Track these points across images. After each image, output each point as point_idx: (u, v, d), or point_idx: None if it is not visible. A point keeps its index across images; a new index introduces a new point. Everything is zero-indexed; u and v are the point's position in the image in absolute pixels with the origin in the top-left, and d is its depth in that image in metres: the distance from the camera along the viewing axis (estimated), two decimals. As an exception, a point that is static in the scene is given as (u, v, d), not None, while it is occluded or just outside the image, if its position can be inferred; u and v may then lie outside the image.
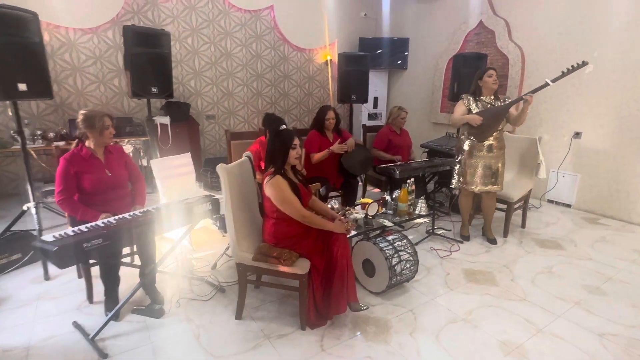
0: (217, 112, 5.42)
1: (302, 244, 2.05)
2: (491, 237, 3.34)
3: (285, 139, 1.98)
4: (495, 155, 3.07)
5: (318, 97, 6.25)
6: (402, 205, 2.86)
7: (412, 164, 3.56)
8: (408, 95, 6.22)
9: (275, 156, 1.99)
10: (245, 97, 5.59)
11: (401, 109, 3.97)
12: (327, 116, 3.40)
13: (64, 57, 4.37)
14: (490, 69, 3.04)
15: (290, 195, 1.95)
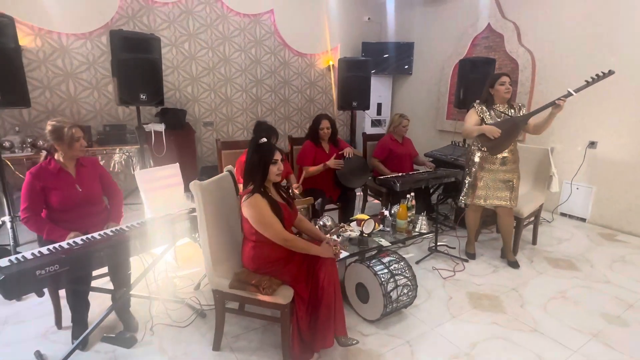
0: (215, 119, 5.28)
1: (284, 270, 1.85)
2: (512, 260, 3.04)
3: (264, 154, 1.79)
4: (509, 169, 2.82)
5: (320, 103, 6.07)
6: (400, 222, 2.64)
7: (414, 176, 3.33)
8: (413, 102, 6.00)
9: (254, 172, 1.80)
10: (244, 104, 5.44)
11: (402, 116, 3.76)
12: (322, 125, 3.21)
13: (57, 62, 4.25)
14: (502, 76, 2.77)
15: (270, 216, 1.75)
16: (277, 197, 1.91)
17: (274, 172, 1.82)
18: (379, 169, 3.76)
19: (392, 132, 3.83)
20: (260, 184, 1.79)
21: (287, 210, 1.89)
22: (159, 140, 4.44)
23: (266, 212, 1.75)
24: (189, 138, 4.73)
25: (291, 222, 1.94)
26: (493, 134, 2.69)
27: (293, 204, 1.98)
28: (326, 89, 6.00)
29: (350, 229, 2.61)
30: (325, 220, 2.55)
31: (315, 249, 1.86)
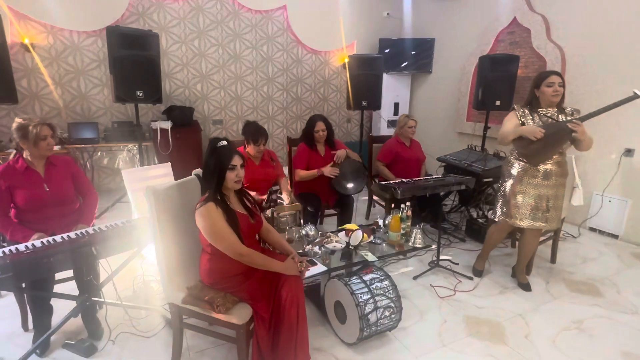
0: (224, 117, 5.22)
1: (243, 287, 1.68)
2: (524, 282, 2.70)
3: (221, 158, 1.63)
4: (553, 183, 2.39)
5: (334, 102, 5.89)
6: (392, 235, 2.41)
7: (418, 182, 3.07)
8: (432, 101, 5.67)
9: (209, 178, 1.64)
10: (255, 102, 5.35)
11: (409, 116, 3.52)
12: (317, 128, 3.04)
13: (68, 60, 4.32)
14: (551, 75, 2.31)
15: (223, 227, 1.59)
16: (238, 207, 1.75)
17: (231, 179, 1.66)
18: (383, 173, 3.54)
19: (399, 134, 3.58)
20: (215, 192, 1.64)
21: (246, 221, 1.72)
22: (165, 138, 4.41)
23: (219, 224, 1.59)
24: (195, 136, 4.67)
25: (252, 234, 1.77)
26: (534, 134, 2.25)
27: (257, 214, 1.81)
28: (341, 87, 5.80)
29: (337, 239, 2.41)
30: (308, 229, 2.37)
31: (277, 265, 1.68)
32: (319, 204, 3.05)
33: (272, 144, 5.63)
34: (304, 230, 2.36)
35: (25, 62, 4.14)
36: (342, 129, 6.08)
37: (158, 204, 1.68)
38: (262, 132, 2.73)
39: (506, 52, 4.45)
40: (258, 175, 2.85)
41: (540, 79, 2.35)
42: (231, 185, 1.67)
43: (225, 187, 1.69)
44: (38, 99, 4.27)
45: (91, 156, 4.53)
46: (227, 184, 1.67)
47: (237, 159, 1.68)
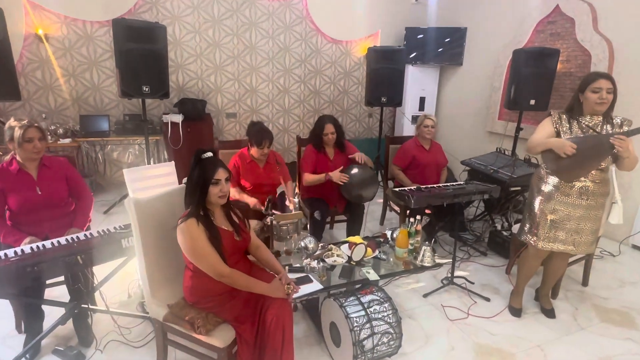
0: (238, 110, 5.22)
1: (226, 307, 1.65)
2: (548, 307, 2.53)
3: (204, 171, 1.59)
4: (589, 204, 2.16)
5: (355, 96, 5.77)
6: (399, 251, 2.31)
7: (435, 190, 2.94)
8: (462, 96, 5.43)
9: (191, 192, 1.61)
10: (271, 95, 5.31)
11: (427, 116, 3.37)
12: (326, 130, 2.97)
13: (81, 50, 4.41)
14: (600, 78, 2.04)
15: (203, 246, 1.56)
16: (222, 222, 1.71)
17: (214, 194, 1.61)
18: (398, 178, 3.43)
19: (417, 136, 3.43)
20: (197, 207, 1.60)
21: (230, 238, 1.68)
22: (176, 132, 4.46)
23: (199, 242, 1.55)
24: (207, 130, 4.69)
25: (237, 251, 1.73)
26: (564, 149, 2.03)
27: (244, 231, 1.77)
28: (362, 79, 5.65)
29: (339, 252, 2.34)
30: (307, 241, 2.29)
31: (262, 287, 1.63)
32: (326, 210, 2.98)
33: (287, 139, 5.59)
34: (303, 243, 2.29)
35: (40, 54, 4.27)
36: (363, 124, 5.96)
37: (141, 216, 1.66)
38: (266, 135, 2.68)
39: (546, 44, 4.16)
40: (261, 179, 2.81)
41: (585, 83, 2.10)
42: (214, 200, 1.63)
43: (209, 202, 1.65)
44: (52, 91, 4.41)
45: (103, 149, 4.65)
46: (210, 199, 1.63)
47: (222, 173, 1.63)
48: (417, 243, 2.40)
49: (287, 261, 2.25)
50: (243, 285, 1.62)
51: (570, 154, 2.05)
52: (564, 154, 2.06)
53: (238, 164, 2.78)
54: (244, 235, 1.76)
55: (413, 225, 2.37)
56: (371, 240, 2.50)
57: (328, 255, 2.30)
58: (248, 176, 2.79)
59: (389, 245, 2.49)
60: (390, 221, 3.95)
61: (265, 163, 2.86)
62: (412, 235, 2.35)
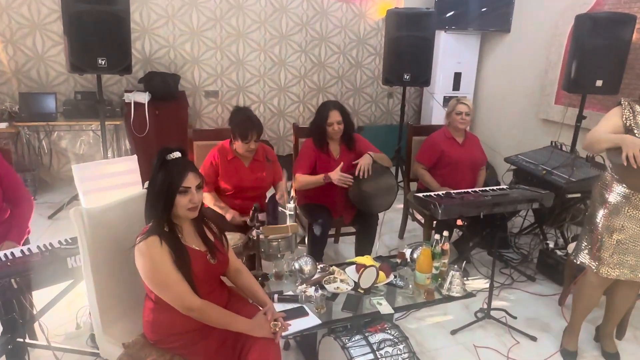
0: (220, 88, 5.24)
1: (197, 348, 1.67)
2: (612, 351, 2.51)
3: (170, 177, 1.61)
4: None
5: (370, 70, 5.79)
6: (420, 276, 2.33)
7: (469, 197, 2.96)
8: (509, 73, 5.42)
9: (153, 203, 1.62)
10: (262, 68, 5.33)
11: (460, 100, 3.37)
12: (330, 119, 2.96)
13: (21, 10, 4.45)
14: None
15: (168, 271, 1.58)
16: (193, 240, 1.73)
17: (182, 206, 1.63)
18: (423, 180, 3.46)
19: (448, 125, 3.44)
20: (161, 221, 1.62)
21: (203, 261, 1.69)
22: (141, 115, 4.50)
23: (162, 266, 1.57)
24: (180, 113, 4.74)
25: (212, 277, 1.75)
26: (633, 149, 2.01)
27: (221, 251, 1.78)
28: (380, 50, 5.65)
29: (343, 277, 2.37)
30: (302, 262, 2.32)
31: (242, 323, 1.65)
32: (328, 221, 3.00)
33: (283, 125, 5.61)
34: (297, 264, 2.31)
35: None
36: (381, 107, 5.98)
37: (92, 231, 1.68)
38: (253, 125, 2.70)
39: (618, 8, 4.11)
40: (247, 182, 2.84)
41: None
42: (183, 213, 1.65)
43: (176, 215, 1.67)
44: (-15, 61, 4.45)
45: (48, 136, 4.69)
46: (178, 212, 1.65)
47: (192, 179, 1.64)
48: (443, 266, 2.40)
49: (276, 287, 2.26)
50: (218, 321, 1.64)
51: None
52: (633, 157, 2.03)
53: (217, 161, 2.80)
54: (221, 257, 1.78)
55: (438, 243, 2.37)
56: (385, 261, 2.53)
57: (329, 280, 2.30)
58: (229, 177, 2.81)
59: (409, 267, 2.50)
60: (413, 233, 3.97)
61: (252, 161, 2.88)
62: (437, 256, 2.36)
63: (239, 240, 2.54)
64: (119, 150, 4.73)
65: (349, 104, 5.82)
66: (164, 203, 1.61)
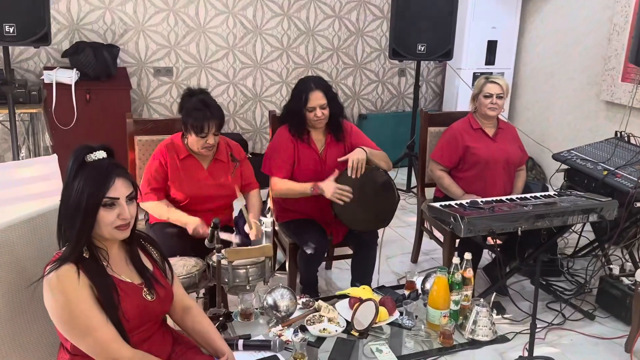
0: (175, 63, 5.28)
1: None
2: None
3: (89, 185, 1.60)
4: None
5: (375, 39, 5.83)
6: (433, 313, 2.34)
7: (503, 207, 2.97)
8: (561, 40, 5.47)
9: (69, 220, 1.62)
10: (231, 37, 5.38)
11: (490, 79, 3.40)
12: (311, 102, 2.96)
13: None
14: None
15: (87, 312, 1.56)
16: (124, 270, 1.72)
17: (108, 223, 1.62)
18: (441, 185, 3.49)
19: (474, 112, 3.49)
20: (78, 245, 1.61)
21: (135, 298, 1.68)
22: (66, 100, 4.52)
23: (78, 305, 1.55)
24: (119, 97, 4.76)
25: (149, 319, 1.74)
26: None
27: (161, 284, 1.78)
28: (387, 12, 5.69)
29: (333, 315, 2.37)
30: (277, 296, 2.33)
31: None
32: (322, 241, 3.02)
33: (260, 113, 5.64)
34: (270, 299, 2.31)
35: None
36: (390, 88, 6.03)
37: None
38: (211, 114, 2.70)
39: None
40: (204, 189, 2.84)
41: None
42: (108, 233, 1.64)
43: (100, 236, 1.66)
44: None
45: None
46: (102, 231, 1.64)
47: (121, 187, 1.63)
48: (465, 300, 2.42)
49: (243, 329, 2.28)
50: (155, 378, 1.64)
51: None
52: None
53: (165, 161, 2.81)
54: (162, 292, 1.76)
55: (458, 269, 2.39)
56: (388, 293, 2.54)
57: (313, 319, 2.31)
58: (181, 183, 2.81)
59: (421, 300, 2.52)
60: (431, 255, 3.99)
61: (213, 161, 2.89)
62: (457, 286, 2.38)
63: (195, 268, 2.53)
64: (37, 148, 4.73)
65: (348, 85, 5.87)
66: (82, 220, 1.60)
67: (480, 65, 5.65)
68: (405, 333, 2.31)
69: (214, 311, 2.35)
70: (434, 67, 6.05)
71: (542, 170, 5.43)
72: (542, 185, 4.81)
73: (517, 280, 3.65)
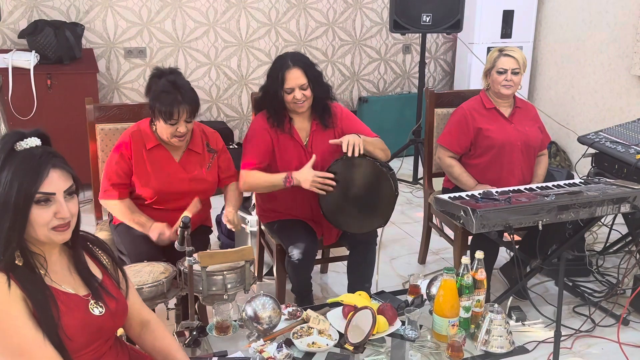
0: (148, 43, 5.29)
1: None
2: None
3: (19, 179, 1.52)
4: None
5: (376, 12, 5.84)
6: (440, 322, 2.28)
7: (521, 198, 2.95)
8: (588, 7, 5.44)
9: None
10: (212, 12, 5.38)
11: (504, 51, 3.37)
12: (288, 83, 2.93)
13: None
14: None
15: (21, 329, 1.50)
16: (65, 279, 1.66)
17: (43, 224, 1.54)
18: (450, 174, 3.48)
19: (487, 90, 3.47)
20: (9, 249, 1.53)
21: (78, 311, 1.62)
22: (24, 88, 4.52)
23: (10, 321, 1.49)
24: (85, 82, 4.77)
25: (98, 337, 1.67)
26: None
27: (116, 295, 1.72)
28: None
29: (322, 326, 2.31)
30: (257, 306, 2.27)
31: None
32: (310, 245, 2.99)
33: (248, 100, 5.60)
34: (250, 309, 2.26)
35: None
36: (394, 67, 6.04)
37: None
38: (182, 97, 2.65)
39: None
40: (176, 184, 2.80)
41: None
42: (44, 235, 1.56)
43: (34, 239, 1.57)
44: None
45: None
46: (37, 233, 1.56)
47: (58, 180, 1.56)
48: (477, 306, 2.37)
49: (219, 345, 2.26)
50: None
51: None
52: None
53: (128, 153, 2.76)
54: (113, 305, 1.70)
55: (468, 270, 2.32)
56: (388, 299, 2.50)
57: (300, 332, 2.28)
58: (148, 177, 2.77)
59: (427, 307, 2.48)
60: (441, 255, 3.99)
61: (186, 152, 2.84)
62: (466, 290, 2.32)
63: (163, 275, 2.49)
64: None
65: (345, 64, 5.87)
66: (11, 220, 1.53)
67: (495, 39, 5.65)
68: (408, 345, 2.25)
69: (186, 324, 2.31)
70: (443, 42, 6.06)
71: (566, 155, 5.43)
72: (567, 172, 4.81)
73: (539, 282, 3.64)
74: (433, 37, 5.93)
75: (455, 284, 2.28)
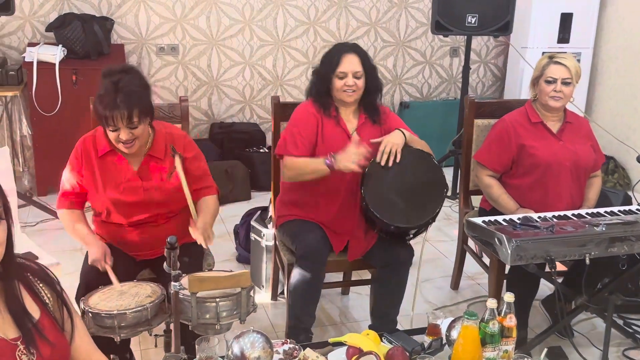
0: (182, 40, 5.27)
1: None
2: None
3: None
4: None
5: (423, 12, 5.75)
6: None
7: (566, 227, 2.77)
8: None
9: None
10: (248, 10, 5.36)
11: (554, 59, 3.16)
12: (342, 67, 2.86)
13: None
14: None
15: None
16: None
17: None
18: (489, 195, 3.29)
19: (534, 101, 3.27)
20: None
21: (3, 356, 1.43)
22: (50, 82, 4.49)
23: None
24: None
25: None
26: None
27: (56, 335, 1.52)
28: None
29: (320, 366, 2.18)
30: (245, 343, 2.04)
31: None
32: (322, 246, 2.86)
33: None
34: (237, 347, 2.05)
35: None
36: (439, 71, 5.93)
37: None
38: (120, 102, 2.47)
39: None
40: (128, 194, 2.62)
41: None
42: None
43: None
44: None
45: None
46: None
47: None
48: (505, 357, 2.10)
49: None
50: None
51: None
52: None
53: (78, 163, 2.65)
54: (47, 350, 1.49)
55: (495, 315, 2.02)
56: (401, 340, 2.30)
57: None
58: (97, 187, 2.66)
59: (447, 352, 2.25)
60: (477, 280, 3.84)
61: (145, 157, 2.68)
62: (491, 339, 2.06)
63: (148, 299, 2.33)
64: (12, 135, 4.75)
65: (387, 67, 5.81)
66: None
67: (551, 44, 5.49)
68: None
69: (170, 357, 2.14)
70: (494, 46, 5.93)
71: (625, 174, 5.24)
72: (624, 194, 4.56)
73: (586, 318, 3.42)
74: (483, 40, 5.87)
75: (477, 332, 2.02)
